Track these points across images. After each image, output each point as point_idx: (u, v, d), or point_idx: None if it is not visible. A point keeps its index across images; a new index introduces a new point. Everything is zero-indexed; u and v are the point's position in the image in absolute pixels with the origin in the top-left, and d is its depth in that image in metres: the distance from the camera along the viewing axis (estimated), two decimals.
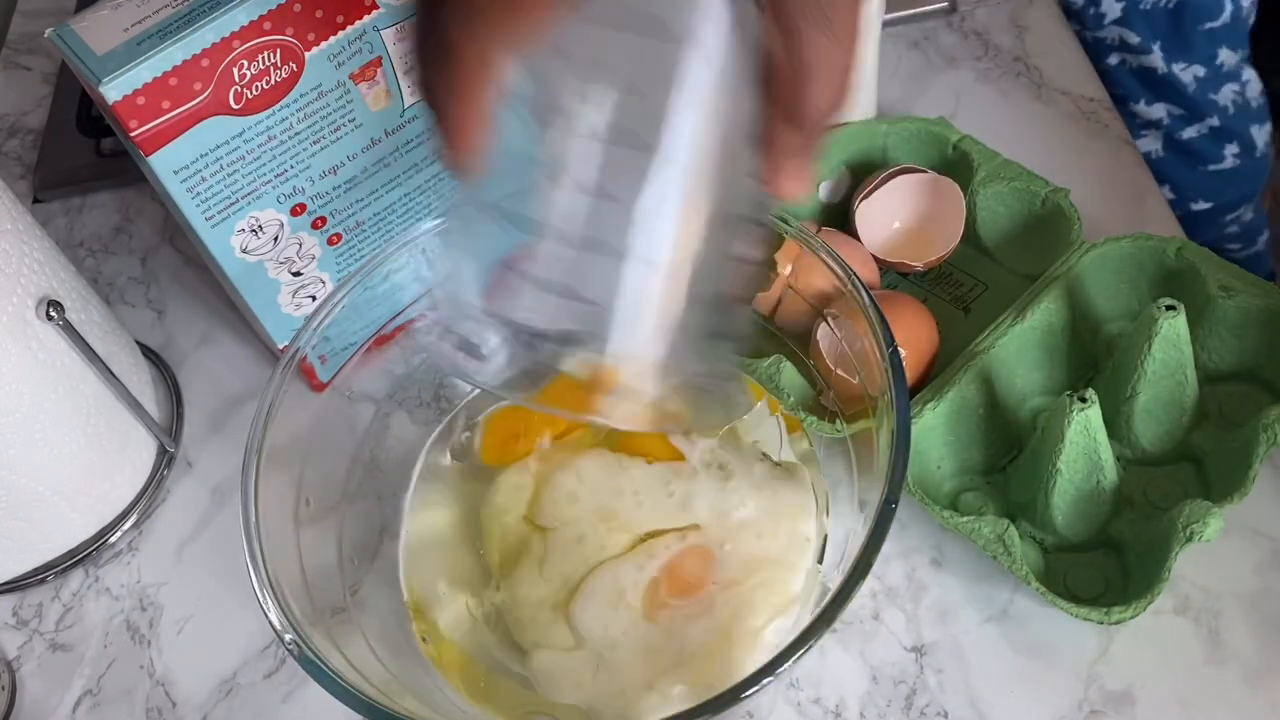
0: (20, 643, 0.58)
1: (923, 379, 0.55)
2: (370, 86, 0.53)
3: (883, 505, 0.41)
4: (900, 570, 0.53)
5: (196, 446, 0.63)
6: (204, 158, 0.50)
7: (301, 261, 0.57)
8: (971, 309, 0.59)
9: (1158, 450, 0.53)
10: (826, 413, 0.51)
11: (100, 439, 0.57)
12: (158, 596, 0.58)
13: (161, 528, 0.60)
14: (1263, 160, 1.07)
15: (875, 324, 0.45)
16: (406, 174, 0.57)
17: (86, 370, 0.56)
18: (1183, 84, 1.00)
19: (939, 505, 0.50)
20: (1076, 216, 0.57)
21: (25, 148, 0.81)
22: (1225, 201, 1.06)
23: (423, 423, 0.55)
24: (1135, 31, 0.98)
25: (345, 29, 0.50)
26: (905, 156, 0.62)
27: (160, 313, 0.69)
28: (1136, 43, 0.99)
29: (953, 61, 0.73)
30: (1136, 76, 1.01)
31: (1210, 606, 0.50)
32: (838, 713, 0.50)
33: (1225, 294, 0.53)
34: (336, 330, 0.50)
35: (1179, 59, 0.99)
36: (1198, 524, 0.47)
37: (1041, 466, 0.50)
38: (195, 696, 0.55)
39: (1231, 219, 1.10)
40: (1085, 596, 0.50)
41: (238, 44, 0.47)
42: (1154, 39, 0.98)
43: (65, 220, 0.75)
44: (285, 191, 0.53)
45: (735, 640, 0.46)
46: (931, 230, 0.59)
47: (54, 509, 0.57)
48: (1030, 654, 0.50)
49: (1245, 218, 1.12)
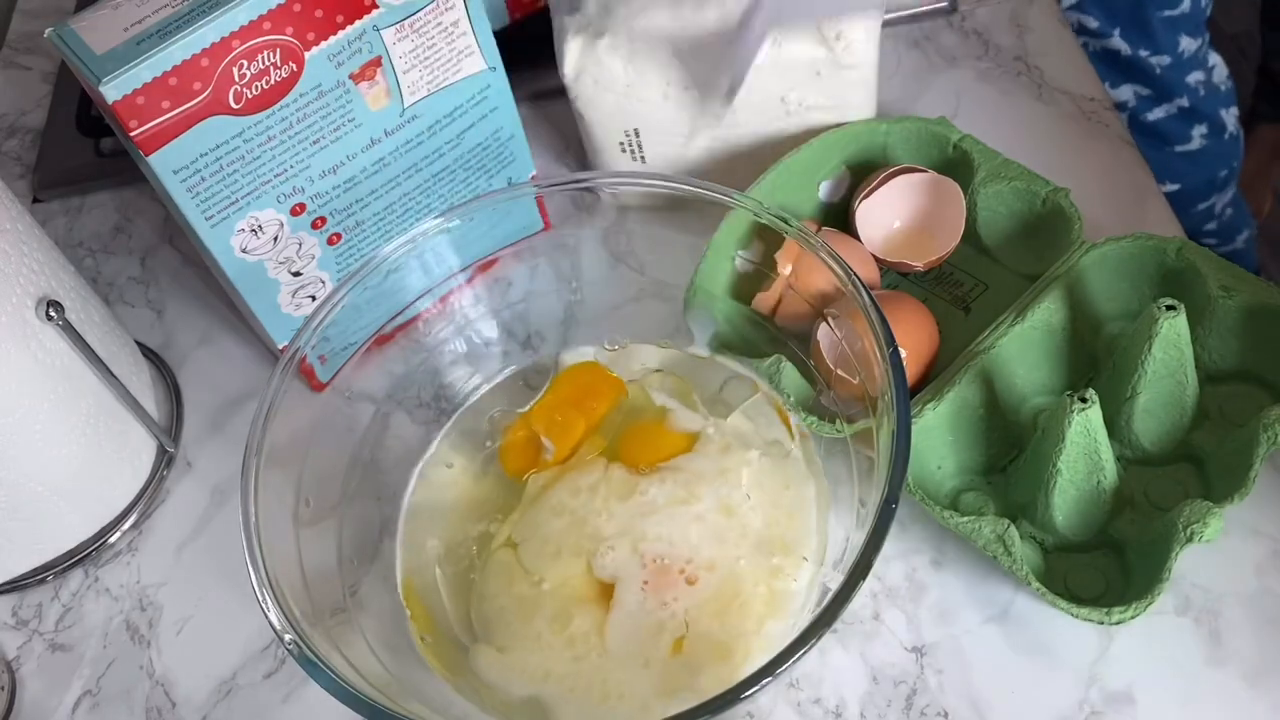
0: (20, 643, 0.58)
1: (923, 379, 0.55)
2: (370, 86, 0.53)
3: (883, 505, 0.41)
4: (900, 570, 0.53)
5: (196, 446, 0.63)
6: (204, 157, 0.50)
7: (301, 261, 0.57)
8: (971, 309, 0.59)
9: (1158, 450, 0.53)
10: (826, 413, 0.51)
11: (100, 439, 0.57)
12: (157, 597, 0.58)
13: (161, 528, 0.60)
14: (1231, 143, 1.09)
15: (875, 324, 0.45)
16: (406, 174, 0.57)
17: (86, 370, 0.55)
18: (1149, 65, 1.00)
19: (939, 505, 0.50)
20: (1077, 216, 0.57)
21: (25, 148, 0.81)
22: (1193, 185, 1.07)
23: (422, 423, 0.55)
24: (1093, 16, 0.99)
25: (345, 29, 0.50)
26: (905, 156, 0.62)
27: (160, 313, 0.69)
28: (1095, 27, 0.99)
29: (953, 61, 0.73)
30: (1101, 59, 1.00)
31: (1210, 606, 0.50)
32: (838, 713, 0.50)
33: (1226, 294, 0.53)
34: (336, 330, 0.50)
35: (1142, 46, 1.00)
36: (1198, 524, 0.47)
37: (1042, 466, 0.50)
38: (195, 696, 0.54)
39: (1204, 208, 1.11)
40: (1085, 597, 0.50)
41: (237, 44, 0.47)
42: (1113, 24, 0.99)
43: (65, 220, 0.75)
44: (285, 191, 0.53)
45: (735, 640, 0.47)
46: (931, 230, 0.59)
47: (54, 509, 0.57)
48: (1030, 654, 0.50)
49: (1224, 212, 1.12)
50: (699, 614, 0.47)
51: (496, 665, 0.47)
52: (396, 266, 0.51)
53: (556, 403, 0.54)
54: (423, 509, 0.53)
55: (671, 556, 0.48)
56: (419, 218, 0.59)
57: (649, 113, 0.62)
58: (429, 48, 0.53)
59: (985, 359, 0.54)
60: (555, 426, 0.53)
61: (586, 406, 0.54)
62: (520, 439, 0.54)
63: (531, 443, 0.53)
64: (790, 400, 0.52)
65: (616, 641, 0.47)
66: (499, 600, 0.49)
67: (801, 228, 0.49)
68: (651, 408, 0.54)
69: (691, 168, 0.65)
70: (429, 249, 0.52)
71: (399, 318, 0.53)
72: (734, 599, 0.47)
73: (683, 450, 0.52)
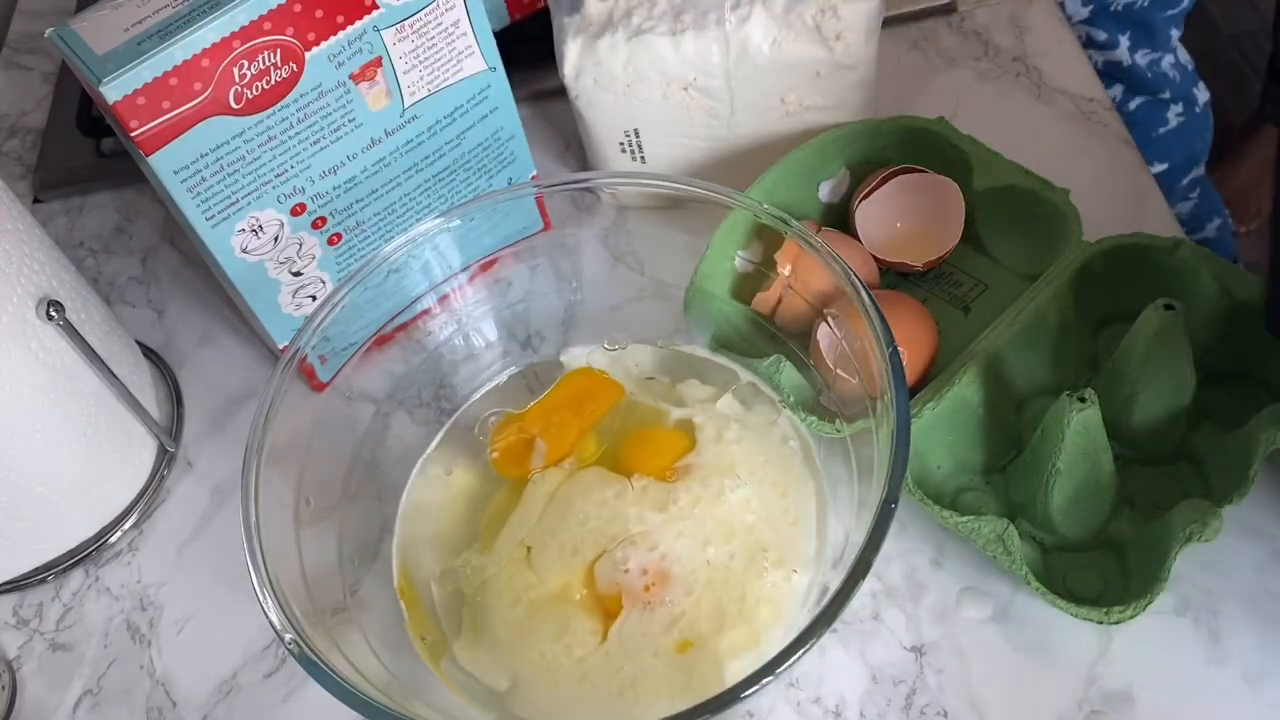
0: (20, 642, 0.58)
1: (923, 379, 0.55)
2: (370, 86, 0.53)
3: (883, 505, 0.41)
4: (900, 570, 0.53)
5: (196, 446, 0.63)
6: (204, 158, 0.50)
7: (301, 261, 0.57)
8: (971, 309, 0.59)
9: (1158, 450, 0.53)
10: (826, 413, 0.51)
11: (100, 439, 0.57)
12: (158, 596, 0.58)
13: (162, 528, 0.60)
14: (1203, 116, 1.17)
15: (875, 324, 0.45)
16: (406, 174, 0.57)
17: (86, 370, 0.56)
18: (1140, 68, 1.09)
19: (939, 505, 0.50)
20: (1076, 216, 0.57)
21: (25, 148, 0.81)
22: (1177, 161, 1.15)
23: (423, 423, 0.55)
24: (1102, 29, 1.03)
25: (345, 29, 0.50)
26: (905, 156, 0.62)
27: (160, 313, 0.69)
28: (1103, 39, 1.03)
29: (953, 61, 0.73)
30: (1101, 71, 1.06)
31: (1210, 606, 0.50)
32: (838, 712, 0.50)
33: (1225, 294, 0.53)
34: (336, 330, 0.50)
35: (1143, 46, 1.06)
36: (1197, 524, 0.47)
37: (1041, 466, 0.50)
38: (195, 696, 0.55)
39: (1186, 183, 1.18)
40: (1085, 596, 0.50)
41: (238, 44, 0.47)
42: (1121, 33, 1.03)
43: (65, 220, 0.75)
44: (285, 191, 0.53)
45: (734, 640, 0.47)
46: (931, 230, 0.59)
47: (54, 509, 0.57)
48: (1030, 654, 0.50)
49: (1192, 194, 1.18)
50: (699, 615, 0.47)
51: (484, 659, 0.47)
52: (397, 266, 0.51)
53: (553, 406, 0.54)
54: (419, 509, 0.53)
55: (672, 558, 0.48)
56: (419, 218, 0.59)
57: (649, 113, 0.62)
58: (429, 48, 0.53)
59: (985, 359, 0.54)
60: (550, 429, 0.53)
61: (582, 410, 0.54)
62: (515, 441, 0.53)
63: (527, 445, 0.53)
64: (790, 400, 0.52)
65: (619, 643, 0.47)
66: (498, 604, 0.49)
67: (801, 228, 0.49)
68: (648, 410, 0.54)
69: (691, 168, 0.65)
70: (429, 249, 0.52)
71: (399, 318, 0.53)
72: (734, 599, 0.47)
73: (685, 450, 0.52)
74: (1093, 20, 1.04)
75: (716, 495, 0.49)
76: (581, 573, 0.48)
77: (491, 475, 0.53)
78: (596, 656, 0.47)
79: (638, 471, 0.51)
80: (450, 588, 0.50)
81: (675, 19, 0.59)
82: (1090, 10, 1.03)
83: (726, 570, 0.48)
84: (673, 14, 0.59)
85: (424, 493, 0.53)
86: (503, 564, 0.49)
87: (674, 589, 0.48)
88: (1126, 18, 1.04)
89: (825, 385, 0.52)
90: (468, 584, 0.49)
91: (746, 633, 0.47)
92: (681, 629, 0.47)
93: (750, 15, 0.58)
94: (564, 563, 0.49)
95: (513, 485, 0.52)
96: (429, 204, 0.59)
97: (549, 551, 0.49)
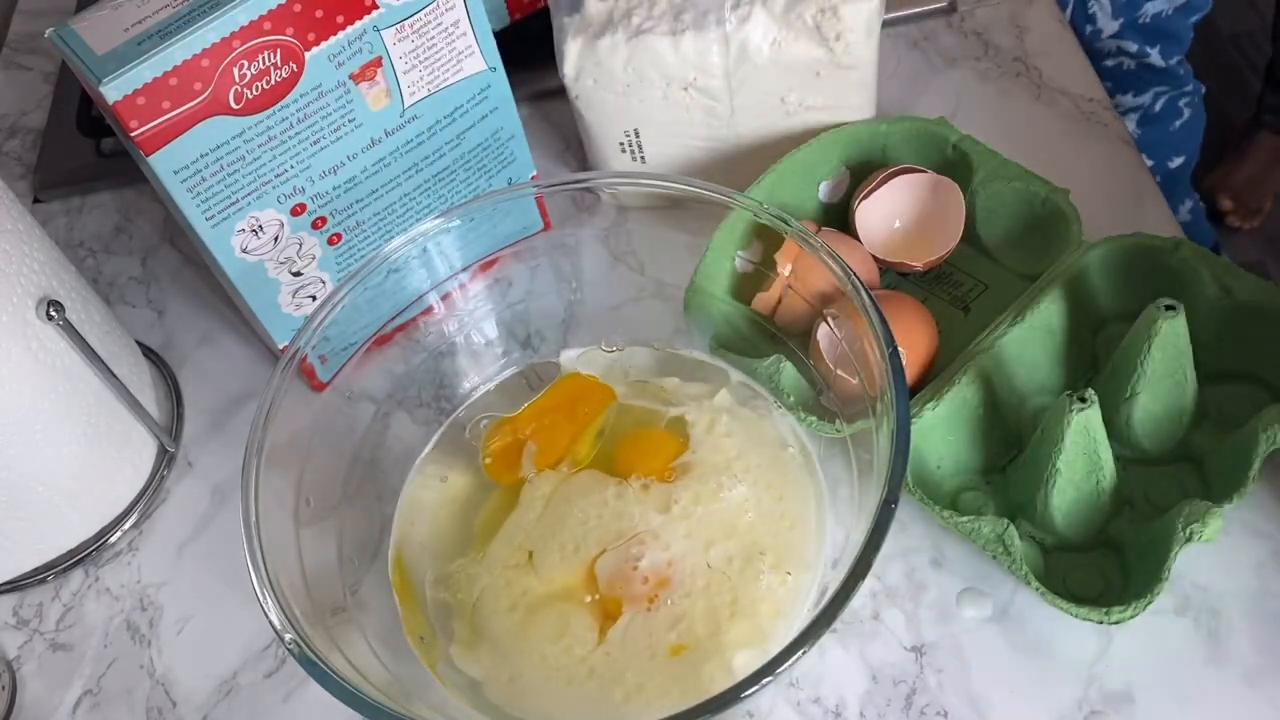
0: (20, 642, 0.58)
1: (923, 379, 0.55)
2: (370, 86, 0.53)
3: (882, 505, 0.41)
4: (900, 570, 0.53)
5: (196, 446, 0.63)
6: (204, 158, 0.50)
7: (301, 261, 0.57)
8: (971, 309, 0.59)
9: (1158, 450, 0.53)
10: (826, 413, 0.51)
11: (100, 439, 0.57)
12: (158, 596, 0.58)
13: (162, 528, 0.61)
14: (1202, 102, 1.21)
15: (875, 324, 0.45)
16: (406, 174, 0.57)
17: (86, 370, 0.56)
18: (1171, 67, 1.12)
19: (939, 505, 0.50)
20: (1076, 216, 0.57)
21: (25, 148, 0.81)
22: (1189, 150, 1.19)
23: (423, 423, 0.55)
24: (1132, 41, 1.06)
25: (345, 29, 0.50)
26: (905, 156, 0.62)
27: (160, 313, 0.69)
28: (1135, 49, 1.07)
29: (953, 61, 0.73)
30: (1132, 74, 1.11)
31: (1210, 606, 0.50)
32: (837, 712, 0.50)
33: (1225, 294, 0.53)
34: (336, 330, 0.50)
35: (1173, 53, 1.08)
36: (1197, 524, 0.47)
37: (1041, 466, 0.50)
38: (195, 696, 0.55)
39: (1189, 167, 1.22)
40: (1085, 596, 0.50)
41: (238, 44, 0.47)
42: (1152, 44, 1.06)
43: (65, 220, 0.75)
44: (285, 191, 0.53)
45: (734, 640, 0.47)
46: (931, 230, 0.59)
47: (54, 509, 0.57)
48: (1030, 654, 0.50)
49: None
50: (698, 615, 0.47)
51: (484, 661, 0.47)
52: (397, 266, 0.51)
53: (544, 409, 0.54)
54: (415, 512, 0.53)
55: (677, 559, 0.48)
56: (419, 218, 0.59)
57: (649, 113, 0.62)
58: (429, 48, 0.53)
59: (985, 359, 0.54)
60: (542, 432, 0.53)
61: (574, 413, 0.54)
62: (508, 445, 0.53)
63: (519, 449, 0.53)
64: (790, 400, 0.52)
65: (619, 644, 0.47)
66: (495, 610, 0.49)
67: (801, 228, 0.49)
68: (641, 411, 0.54)
69: (691, 168, 0.65)
70: (429, 249, 0.52)
71: (399, 318, 0.53)
72: (733, 602, 0.47)
73: (679, 451, 0.52)
74: (1121, 34, 1.07)
75: (715, 492, 0.49)
76: (583, 570, 0.48)
77: (485, 479, 0.53)
78: (596, 657, 0.47)
79: (634, 473, 0.51)
80: (442, 595, 0.49)
81: (675, 19, 0.59)
82: (1120, 24, 1.06)
83: (725, 573, 0.48)
84: (673, 14, 0.59)
85: (419, 495, 0.53)
86: (498, 570, 0.49)
87: (674, 590, 0.48)
88: (1154, 29, 1.07)
89: (825, 385, 0.52)
90: (462, 591, 0.49)
91: (751, 628, 0.47)
92: (680, 631, 0.47)
93: (750, 15, 0.58)
94: (566, 561, 0.48)
95: (507, 489, 0.52)
96: (429, 204, 0.59)
97: (550, 551, 0.49)
